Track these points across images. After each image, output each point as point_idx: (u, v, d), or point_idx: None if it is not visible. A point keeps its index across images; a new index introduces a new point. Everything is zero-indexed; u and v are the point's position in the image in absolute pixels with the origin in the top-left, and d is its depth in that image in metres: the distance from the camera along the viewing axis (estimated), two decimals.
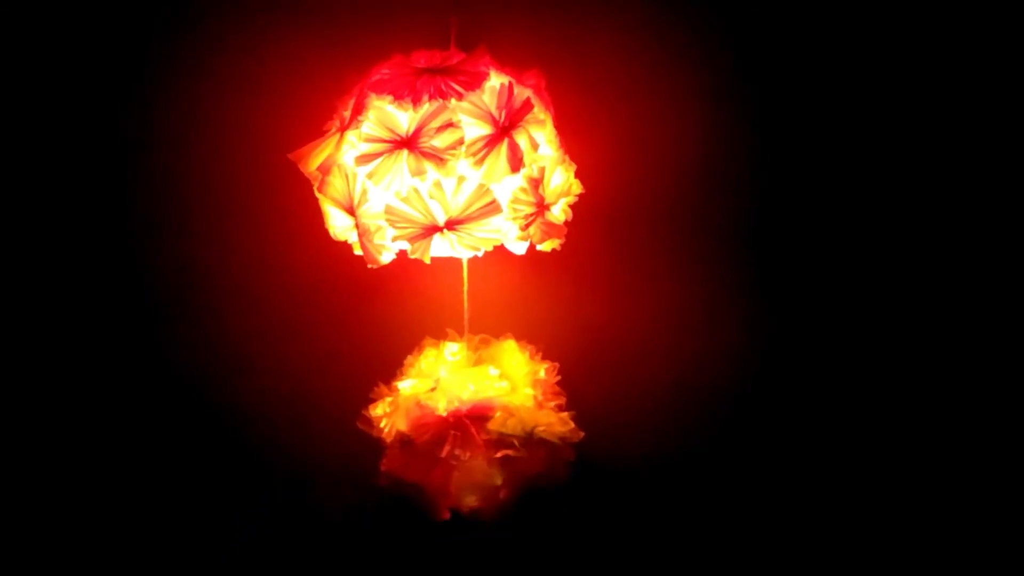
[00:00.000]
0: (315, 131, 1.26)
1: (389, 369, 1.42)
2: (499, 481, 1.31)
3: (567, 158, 1.27)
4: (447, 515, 1.32)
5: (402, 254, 1.24)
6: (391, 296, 1.56)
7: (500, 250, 1.27)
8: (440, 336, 1.42)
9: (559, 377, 1.41)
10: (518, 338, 1.42)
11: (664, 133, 1.51)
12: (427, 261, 1.21)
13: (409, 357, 1.42)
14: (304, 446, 1.59)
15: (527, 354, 1.41)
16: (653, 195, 1.53)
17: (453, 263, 1.39)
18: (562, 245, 1.28)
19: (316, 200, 1.27)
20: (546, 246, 1.27)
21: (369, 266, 1.23)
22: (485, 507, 1.31)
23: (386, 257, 1.23)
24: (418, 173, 1.16)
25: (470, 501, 1.31)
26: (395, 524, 1.40)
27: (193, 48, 1.50)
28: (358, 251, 1.25)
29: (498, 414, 1.31)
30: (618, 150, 1.50)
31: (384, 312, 1.57)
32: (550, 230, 1.24)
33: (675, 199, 1.53)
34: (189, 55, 1.50)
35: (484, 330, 1.42)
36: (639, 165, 1.52)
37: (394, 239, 1.20)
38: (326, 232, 1.28)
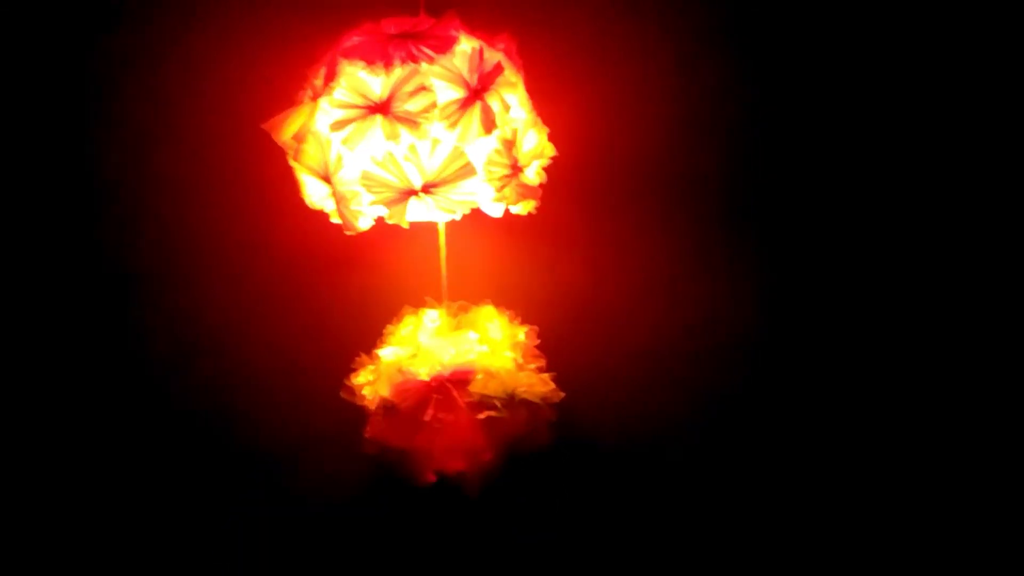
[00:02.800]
0: (287, 101, 1.25)
1: (370, 339, 1.43)
2: (482, 443, 1.32)
3: (539, 121, 1.28)
4: (432, 478, 1.34)
5: (379, 221, 1.25)
6: (368, 267, 1.56)
7: (477, 216, 1.28)
8: (419, 305, 1.44)
9: (539, 341, 1.43)
10: (497, 304, 1.44)
11: (638, 96, 1.51)
12: (405, 225, 1.21)
13: (389, 326, 1.43)
14: (288, 418, 1.59)
15: (506, 319, 1.43)
16: (628, 158, 1.54)
17: (429, 233, 1.40)
18: (538, 209, 1.29)
19: (290, 172, 1.27)
20: (522, 209, 1.28)
21: (347, 233, 1.24)
22: (469, 469, 1.33)
23: (363, 223, 1.24)
24: (393, 137, 1.16)
25: (455, 464, 1.33)
26: (380, 489, 1.41)
27: (159, 20, 1.49)
28: (335, 219, 1.25)
29: (479, 377, 1.33)
30: (592, 114, 1.51)
31: (362, 283, 1.57)
32: (525, 191, 1.26)
33: (650, 161, 1.54)
34: (154, 27, 1.49)
35: (462, 297, 1.44)
36: (613, 128, 1.52)
37: (371, 204, 1.20)
38: (301, 204, 1.28)
